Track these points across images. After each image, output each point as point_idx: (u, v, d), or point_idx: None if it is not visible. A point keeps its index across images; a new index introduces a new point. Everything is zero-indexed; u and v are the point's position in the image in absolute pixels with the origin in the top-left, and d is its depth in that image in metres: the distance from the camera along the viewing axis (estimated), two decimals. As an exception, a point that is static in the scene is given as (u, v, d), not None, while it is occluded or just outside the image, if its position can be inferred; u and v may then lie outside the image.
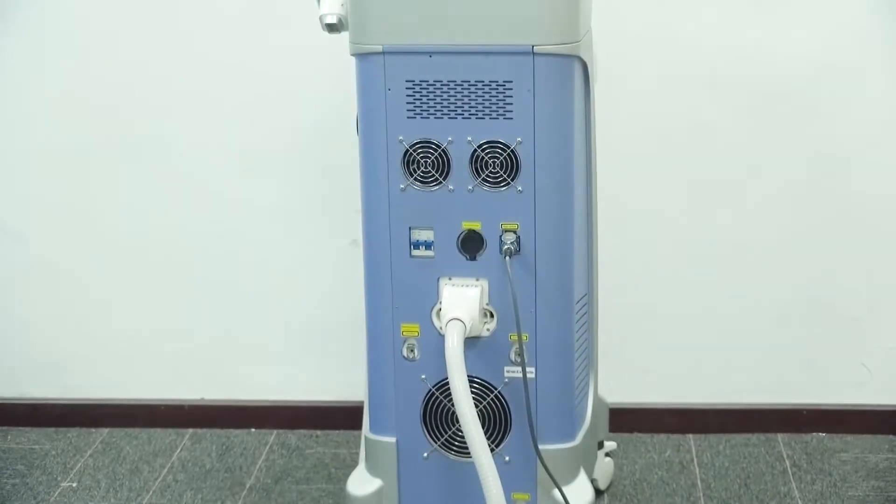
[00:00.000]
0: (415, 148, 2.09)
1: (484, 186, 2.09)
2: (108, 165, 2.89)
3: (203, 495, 2.71)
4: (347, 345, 2.77)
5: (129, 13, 2.78)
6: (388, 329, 2.19)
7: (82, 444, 2.96)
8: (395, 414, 2.23)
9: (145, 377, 3.03)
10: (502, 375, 2.17)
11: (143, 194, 2.90)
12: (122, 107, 2.84)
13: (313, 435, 2.97)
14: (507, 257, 2.08)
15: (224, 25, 2.77)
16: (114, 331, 3.01)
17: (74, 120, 2.86)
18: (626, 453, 2.76)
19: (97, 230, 2.94)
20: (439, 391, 2.19)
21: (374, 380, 2.25)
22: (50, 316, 3.01)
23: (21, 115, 2.89)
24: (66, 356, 3.04)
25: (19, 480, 2.80)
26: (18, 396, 3.08)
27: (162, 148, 2.87)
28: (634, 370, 2.81)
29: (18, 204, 2.95)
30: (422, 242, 2.14)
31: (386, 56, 2.05)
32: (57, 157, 2.90)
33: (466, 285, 2.13)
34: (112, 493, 2.73)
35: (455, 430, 2.19)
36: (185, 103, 2.83)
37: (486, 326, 2.15)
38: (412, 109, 2.07)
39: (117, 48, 2.81)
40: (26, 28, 2.81)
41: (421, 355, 2.19)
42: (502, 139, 2.06)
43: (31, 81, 2.86)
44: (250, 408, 3.02)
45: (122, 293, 2.98)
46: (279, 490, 2.73)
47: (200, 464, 2.86)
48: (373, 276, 2.19)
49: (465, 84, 2.04)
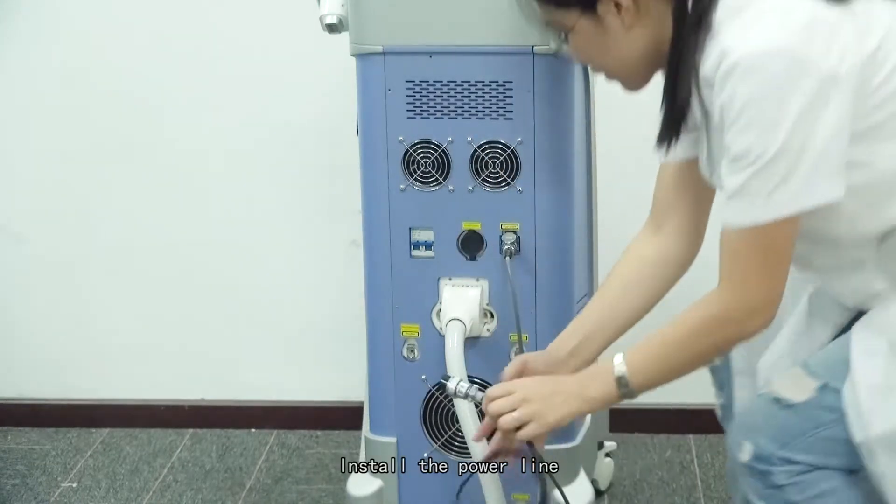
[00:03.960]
0: (415, 148, 2.09)
1: (484, 186, 2.09)
2: (108, 166, 2.89)
3: (203, 495, 2.71)
4: (347, 345, 2.76)
5: (130, 14, 2.79)
6: (388, 329, 2.19)
7: (82, 445, 2.96)
8: (395, 414, 2.23)
9: (145, 377, 3.03)
10: (502, 376, 2.17)
11: (142, 195, 2.90)
12: (122, 107, 2.84)
13: (313, 435, 2.97)
14: (507, 257, 2.08)
15: (224, 26, 2.77)
16: (114, 331, 3.01)
17: (74, 120, 2.86)
18: (626, 453, 2.76)
19: (97, 230, 2.94)
20: (439, 391, 2.19)
21: (374, 380, 2.25)
22: (50, 316, 3.02)
23: (21, 116, 2.89)
24: (66, 356, 3.04)
25: (19, 481, 2.80)
26: (18, 396, 3.08)
27: (162, 148, 2.87)
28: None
29: (18, 204, 2.95)
30: (422, 243, 2.14)
31: (386, 56, 2.05)
32: (57, 158, 2.90)
33: (466, 285, 2.13)
34: (112, 494, 2.73)
35: (455, 430, 2.19)
36: (186, 104, 2.83)
37: (486, 327, 2.15)
38: (412, 109, 2.07)
39: (117, 49, 2.81)
40: (26, 29, 2.81)
41: (421, 355, 2.19)
42: (502, 139, 2.06)
43: (31, 82, 2.86)
44: (250, 408, 3.02)
45: (122, 293, 2.98)
46: (279, 490, 2.73)
47: (200, 464, 2.86)
48: (373, 277, 2.19)
49: (465, 84, 2.04)
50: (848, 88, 1.51)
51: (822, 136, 1.51)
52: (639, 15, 1.62)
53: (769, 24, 1.51)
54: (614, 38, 1.65)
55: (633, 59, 1.67)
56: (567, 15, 1.66)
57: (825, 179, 1.53)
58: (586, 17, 1.64)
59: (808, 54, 1.48)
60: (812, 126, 1.50)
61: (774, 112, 1.49)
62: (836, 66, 1.49)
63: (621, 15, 1.62)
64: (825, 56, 1.49)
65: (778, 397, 1.67)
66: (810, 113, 1.49)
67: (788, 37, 1.49)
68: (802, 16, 1.51)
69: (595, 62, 1.73)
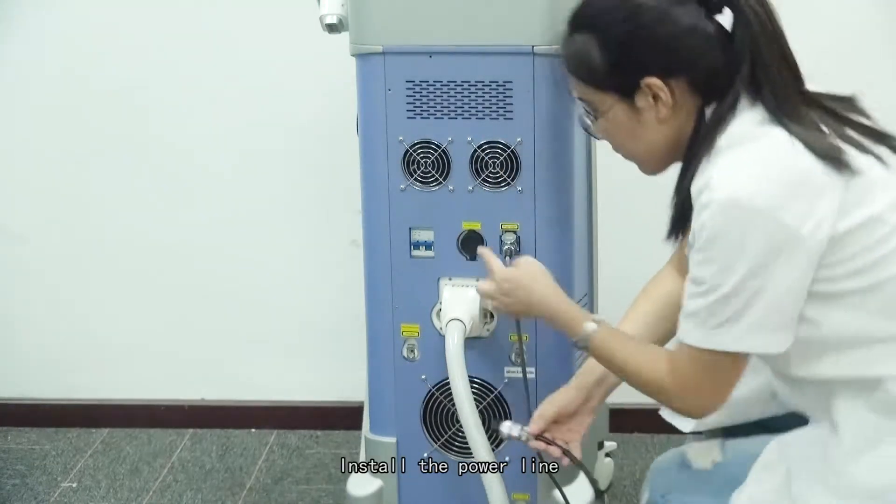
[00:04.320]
0: (415, 148, 2.09)
1: (484, 186, 2.09)
2: (108, 166, 2.89)
3: (203, 495, 2.71)
4: (347, 345, 2.77)
5: (130, 14, 2.79)
6: (388, 329, 2.19)
7: (82, 445, 2.96)
8: (395, 414, 2.23)
9: (145, 377, 3.03)
10: (502, 376, 2.17)
11: (143, 195, 2.90)
12: (122, 107, 2.84)
13: (313, 435, 2.97)
14: (507, 257, 2.08)
15: (224, 26, 2.77)
16: (114, 331, 3.01)
17: (74, 121, 2.87)
18: (626, 453, 2.76)
19: (97, 230, 2.94)
20: (439, 391, 2.19)
21: (374, 380, 2.24)
22: (50, 316, 3.02)
23: (21, 116, 2.89)
24: (66, 356, 3.04)
25: (19, 481, 2.80)
26: (18, 396, 3.08)
27: (162, 148, 2.87)
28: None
29: (18, 204, 2.95)
30: (422, 243, 2.14)
31: (386, 56, 2.05)
32: (57, 159, 2.90)
33: (466, 285, 2.13)
34: (112, 494, 2.73)
35: (455, 430, 2.19)
36: (186, 104, 2.83)
37: (486, 327, 2.15)
38: (412, 109, 2.07)
39: (118, 50, 2.81)
40: (26, 30, 2.81)
41: (421, 355, 2.19)
42: (502, 139, 2.06)
43: (31, 83, 2.86)
44: (250, 408, 3.02)
45: (123, 293, 2.99)
46: (279, 490, 2.73)
47: (200, 464, 2.86)
48: (373, 277, 2.19)
49: (465, 84, 2.04)
50: (815, 254, 1.53)
51: (778, 290, 1.53)
52: (674, 109, 1.64)
53: (758, 172, 1.53)
54: (645, 127, 1.67)
55: (657, 148, 1.69)
56: (604, 98, 1.68)
57: (771, 331, 1.56)
58: (622, 103, 1.66)
59: (783, 215, 1.50)
60: (769, 279, 1.52)
61: (736, 256, 1.52)
62: (808, 232, 1.52)
63: (657, 107, 1.63)
64: (800, 220, 1.51)
65: (685, 458, 1.84)
66: (771, 267, 1.52)
67: (771, 192, 1.51)
68: (793, 174, 1.53)
69: (620, 145, 1.75)
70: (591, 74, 1.68)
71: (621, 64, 1.64)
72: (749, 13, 1.59)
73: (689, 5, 1.61)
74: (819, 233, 1.52)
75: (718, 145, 1.58)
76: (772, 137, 1.56)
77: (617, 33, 1.64)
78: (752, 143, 1.56)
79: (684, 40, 1.61)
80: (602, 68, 1.65)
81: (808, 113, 1.60)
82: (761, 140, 1.56)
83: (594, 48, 1.65)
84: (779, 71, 1.59)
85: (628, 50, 1.63)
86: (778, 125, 1.57)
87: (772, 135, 1.56)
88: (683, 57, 1.61)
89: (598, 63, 1.66)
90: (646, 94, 1.63)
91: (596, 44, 1.65)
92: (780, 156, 1.54)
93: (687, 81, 1.62)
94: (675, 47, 1.61)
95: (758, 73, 1.59)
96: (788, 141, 1.55)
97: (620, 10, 1.63)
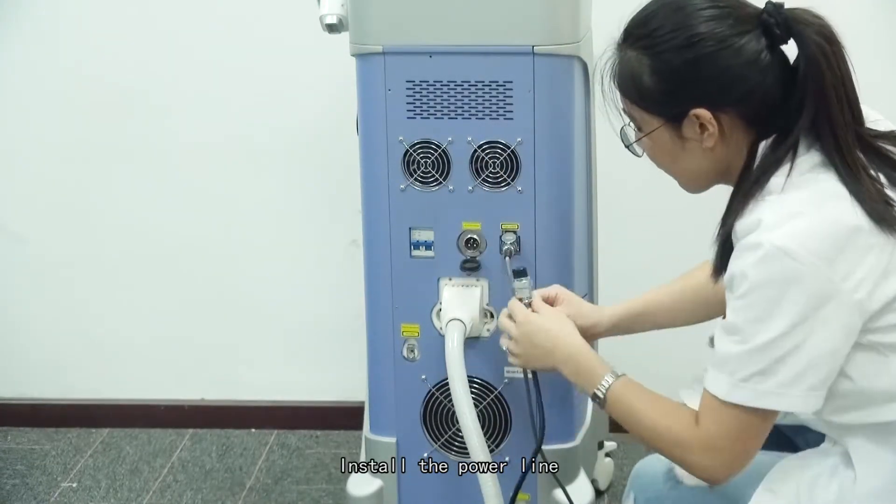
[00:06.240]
0: (415, 148, 2.09)
1: (484, 187, 2.09)
2: (108, 166, 2.89)
3: (203, 495, 2.71)
4: (347, 345, 2.77)
5: (130, 14, 2.79)
6: (388, 329, 2.19)
7: (82, 445, 2.96)
8: (395, 414, 2.23)
9: (145, 377, 3.03)
10: (502, 376, 2.17)
11: (143, 195, 2.90)
12: (122, 107, 2.84)
13: (313, 435, 2.97)
14: (507, 257, 2.08)
15: (224, 26, 2.77)
16: (114, 331, 3.01)
17: (75, 121, 2.87)
18: (626, 453, 2.76)
19: (97, 230, 2.94)
20: (439, 391, 2.19)
21: (374, 380, 2.24)
22: (50, 316, 3.02)
23: (22, 116, 2.89)
24: (66, 356, 3.04)
25: (19, 480, 2.80)
26: (18, 396, 3.08)
27: (162, 149, 2.87)
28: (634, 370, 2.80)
29: (18, 204, 2.95)
30: (422, 243, 2.14)
31: (386, 56, 2.05)
32: (57, 158, 2.90)
33: (466, 285, 2.13)
34: (112, 494, 2.73)
35: (455, 430, 2.19)
36: (186, 104, 2.83)
37: (486, 326, 2.15)
38: (412, 109, 2.07)
39: (118, 49, 2.81)
40: (27, 28, 2.81)
41: (421, 355, 2.19)
42: (502, 139, 2.06)
43: (31, 81, 2.86)
44: (250, 408, 3.02)
45: (123, 293, 2.98)
46: (279, 490, 2.73)
47: (200, 464, 2.86)
48: (373, 277, 2.19)
49: (465, 84, 2.04)
50: (857, 315, 1.47)
51: (815, 351, 1.46)
52: (722, 140, 1.58)
53: (808, 224, 1.46)
54: (689, 154, 1.61)
55: (700, 175, 1.64)
56: (650, 119, 1.62)
57: (802, 392, 1.48)
58: (668, 127, 1.60)
59: (827, 272, 1.44)
60: (808, 337, 1.46)
61: (776, 309, 1.46)
62: (851, 290, 1.46)
63: (703, 135, 1.57)
64: (844, 278, 1.45)
65: (673, 472, 1.75)
66: (810, 325, 1.45)
67: (818, 247, 1.44)
68: (842, 229, 1.46)
69: (662, 165, 1.69)
70: (639, 96, 1.61)
71: (672, 93, 1.57)
72: (813, 48, 1.51)
73: (751, 34, 1.53)
74: (862, 292, 1.46)
75: (769, 187, 1.52)
76: (825, 186, 1.50)
77: (672, 61, 1.55)
78: (805, 191, 1.50)
79: (741, 74, 1.53)
80: (651, 94, 1.59)
81: (861, 158, 1.53)
82: (813, 187, 1.50)
83: (646, 71, 1.58)
84: (841, 113, 1.52)
85: (681, 80, 1.56)
86: (832, 171, 1.51)
87: (825, 184, 1.50)
88: (738, 91, 1.54)
89: (648, 87, 1.58)
90: (693, 124, 1.57)
91: (649, 67, 1.57)
92: (831, 209, 1.48)
93: (739, 115, 1.56)
94: (730, 81, 1.53)
95: (820, 116, 1.52)
96: (842, 192, 1.49)
97: (680, 35, 1.55)
